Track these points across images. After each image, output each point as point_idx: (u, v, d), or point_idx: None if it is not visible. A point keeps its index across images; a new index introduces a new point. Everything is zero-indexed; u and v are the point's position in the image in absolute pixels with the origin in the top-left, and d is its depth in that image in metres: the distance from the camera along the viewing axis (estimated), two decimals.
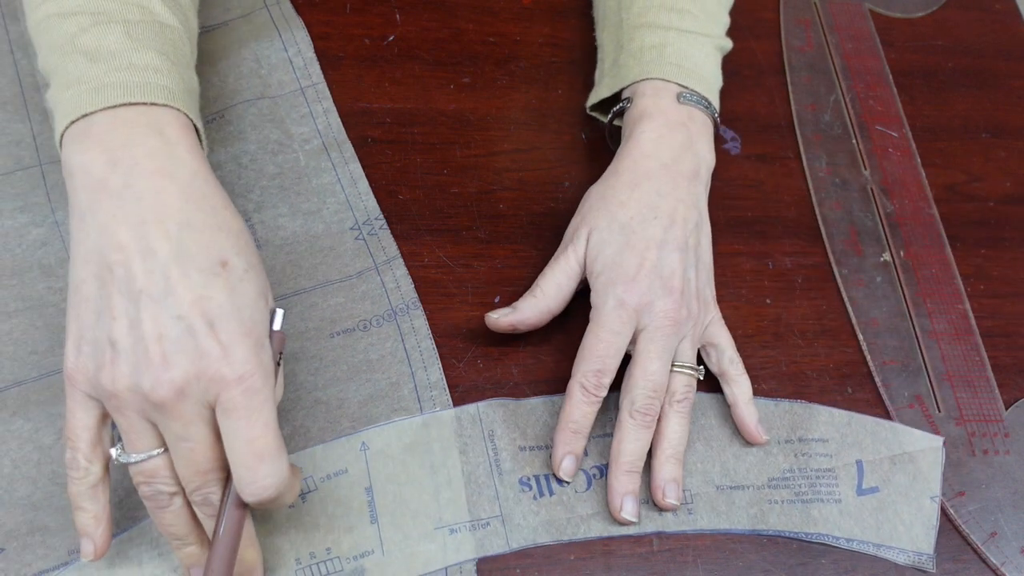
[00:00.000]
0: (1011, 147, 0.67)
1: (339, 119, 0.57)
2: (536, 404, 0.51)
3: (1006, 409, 0.56)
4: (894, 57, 0.69)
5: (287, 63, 0.57)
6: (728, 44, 0.59)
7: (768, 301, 0.58)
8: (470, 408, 0.50)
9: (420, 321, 0.52)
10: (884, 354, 0.57)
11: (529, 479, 0.49)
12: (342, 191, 0.55)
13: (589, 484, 0.50)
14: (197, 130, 0.45)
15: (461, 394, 0.51)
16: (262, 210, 0.54)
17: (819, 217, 0.61)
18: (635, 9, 0.57)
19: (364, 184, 0.55)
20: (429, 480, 0.48)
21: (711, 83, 0.56)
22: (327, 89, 0.58)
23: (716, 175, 0.62)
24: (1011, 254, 0.62)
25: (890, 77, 0.68)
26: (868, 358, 0.57)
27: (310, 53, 0.58)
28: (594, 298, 0.51)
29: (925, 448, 0.53)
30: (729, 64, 0.67)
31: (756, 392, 0.54)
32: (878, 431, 0.54)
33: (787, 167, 0.63)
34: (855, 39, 0.69)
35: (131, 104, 0.42)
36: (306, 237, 0.53)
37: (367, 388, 0.50)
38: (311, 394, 0.49)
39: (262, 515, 0.46)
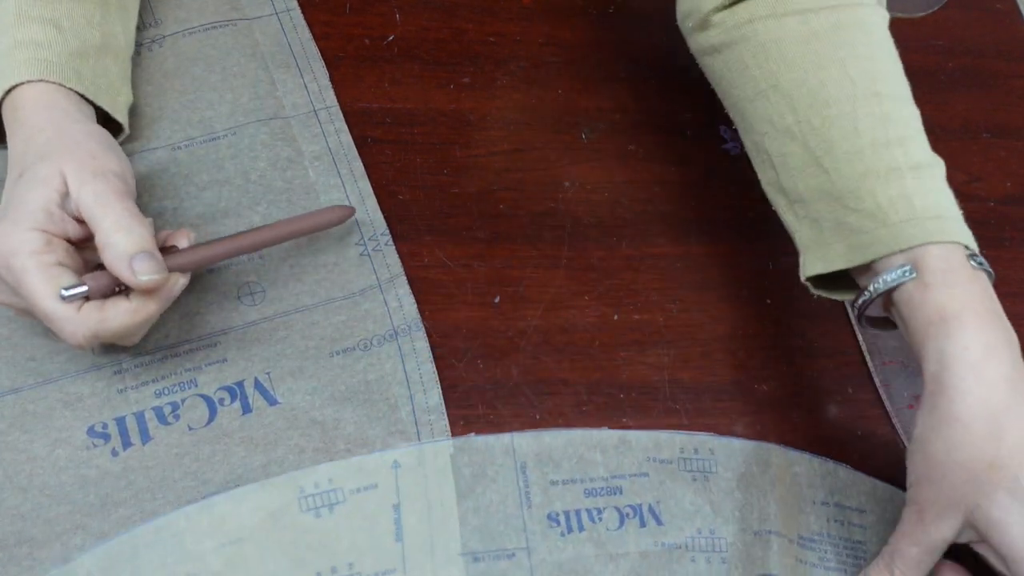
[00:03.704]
0: (1011, 147, 0.67)
1: (351, 139, 0.57)
2: (574, 436, 0.50)
3: None
4: None
5: (302, 88, 0.58)
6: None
7: (768, 301, 0.58)
8: (504, 438, 0.50)
9: (422, 343, 0.52)
10: (884, 354, 0.57)
11: (558, 514, 0.48)
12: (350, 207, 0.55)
13: (622, 523, 0.49)
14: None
15: (461, 394, 0.51)
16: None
17: None
18: (841, 150, 0.46)
19: (372, 202, 0.55)
20: (457, 505, 0.48)
21: (964, 226, 0.45)
22: (340, 112, 0.57)
23: (717, 175, 0.62)
24: (1011, 254, 0.62)
25: None
26: (868, 358, 0.57)
27: (325, 81, 0.58)
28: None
29: None
30: None
31: (757, 393, 0.54)
32: None
33: None
34: None
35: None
36: (311, 250, 0.53)
37: (364, 410, 0.50)
38: (307, 414, 0.49)
39: (287, 523, 0.46)
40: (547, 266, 0.56)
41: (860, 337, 0.57)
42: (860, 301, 0.46)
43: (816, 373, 0.56)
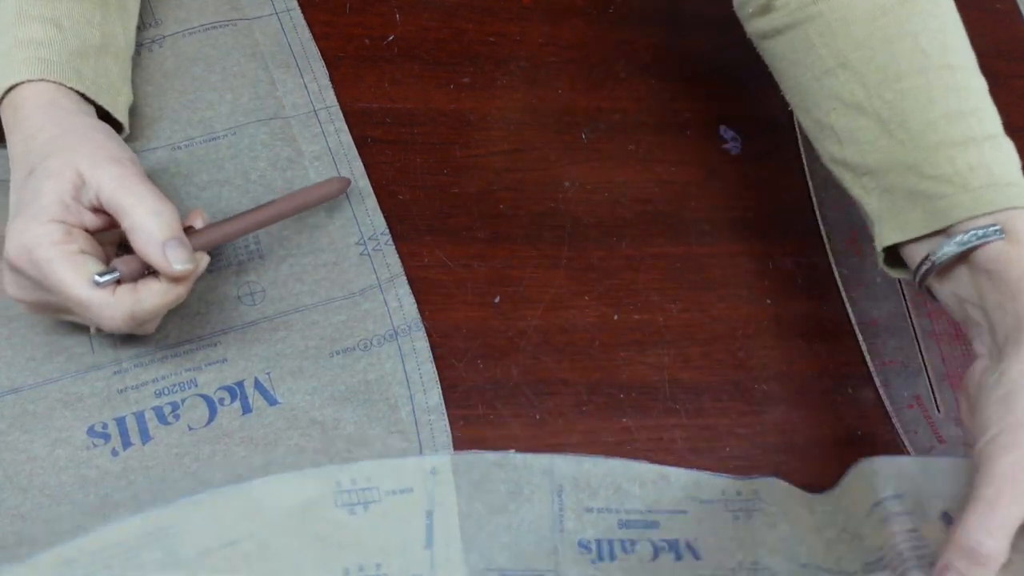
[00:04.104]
0: None
1: (351, 139, 0.57)
2: (614, 466, 0.50)
3: None
4: None
5: (302, 88, 0.58)
6: None
7: (768, 301, 0.58)
8: (543, 458, 0.49)
9: (421, 343, 0.52)
10: (884, 354, 0.57)
11: (590, 542, 0.48)
12: (349, 207, 0.55)
13: (656, 555, 0.48)
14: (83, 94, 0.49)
15: (461, 394, 0.51)
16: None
17: (819, 217, 0.61)
18: (915, 121, 0.46)
19: (372, 202, 0.55)
20: (490, 520, 0.47)
21: None
22: (340, 112, 0.57)
23: (717, 175, 0.62)
24: None
25: None
26: (868, 358, 0.57)
27: (325, 80, 0.58)
28: None
29: None
30: (728, 63, 0.67)
31: (757, 393, 0.54)
32: (957, 474, 0.45)
33: (787, 167, 0.63)
34: None
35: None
36: (311, 249, 0.53)
37: (364, 410, 0.50)
38: (307, 414, 0.49)
39: (320, 516, 0.46)
40: (547, 266, 0.56)
41: (860, 337, 0.57)
42: (939, 253, 0.45)
43: (816, 373, 0.56)
